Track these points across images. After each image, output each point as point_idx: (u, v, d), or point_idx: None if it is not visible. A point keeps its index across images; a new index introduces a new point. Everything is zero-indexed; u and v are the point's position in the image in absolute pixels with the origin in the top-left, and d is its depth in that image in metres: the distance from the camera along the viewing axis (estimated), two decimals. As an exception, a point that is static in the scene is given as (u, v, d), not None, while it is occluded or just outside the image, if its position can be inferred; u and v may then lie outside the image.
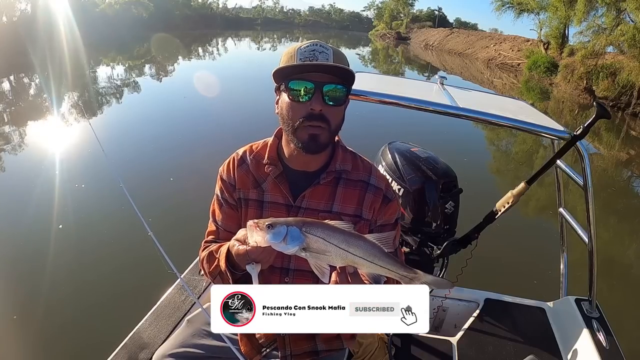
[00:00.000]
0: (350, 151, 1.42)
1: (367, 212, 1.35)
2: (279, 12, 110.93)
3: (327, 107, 1.21)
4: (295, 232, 0.93)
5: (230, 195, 1.38)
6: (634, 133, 13.12)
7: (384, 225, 1.38)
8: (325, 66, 1.19)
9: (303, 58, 1.19)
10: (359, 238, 0.97)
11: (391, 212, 1.39)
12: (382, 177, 1.41)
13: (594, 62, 17.96)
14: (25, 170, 6.28)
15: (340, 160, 1.35)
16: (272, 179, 1.33)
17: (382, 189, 1.37)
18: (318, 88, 1.19)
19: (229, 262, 1.18)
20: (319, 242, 0.94)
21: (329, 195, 1.33)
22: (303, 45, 1.22)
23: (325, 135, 1.24)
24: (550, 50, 24.80)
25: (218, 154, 1.92)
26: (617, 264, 4.88)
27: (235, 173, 1.37)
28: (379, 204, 1.36)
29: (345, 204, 1.33)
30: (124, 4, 40.67)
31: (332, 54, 1.21)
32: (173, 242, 2.66)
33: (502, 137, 10.39)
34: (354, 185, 1.35)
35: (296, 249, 0.93)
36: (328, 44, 1.24)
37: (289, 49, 1.24)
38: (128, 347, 1.72)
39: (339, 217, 1.31)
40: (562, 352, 1.98)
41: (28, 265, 3.83)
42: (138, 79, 16.17)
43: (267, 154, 1.36)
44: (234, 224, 1.38)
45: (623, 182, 8.77)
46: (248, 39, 49.33)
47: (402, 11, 70.28)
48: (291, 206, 1.32)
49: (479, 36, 40.39)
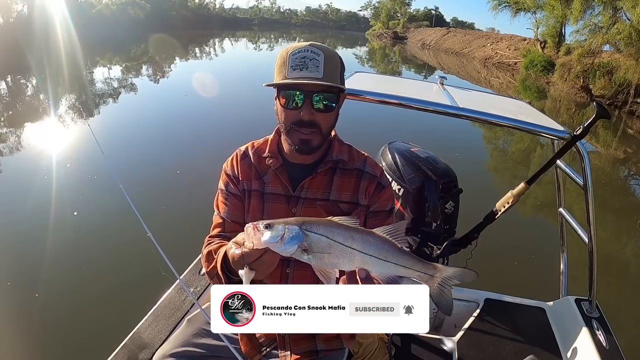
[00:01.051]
0: (347, 144, 1.46)
1: (363, 198, 1.38)
2: (275, 12, 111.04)
3: (317, 113, 1.25)
4: (294, 230, 0.86)
5: (235, 186, 1.42)
6: (630, 131, 13.15)
7: (378, 211, 1.40)
8: (313, 80, 1.20)
9: (294, 65, 1.21)
10: (367, 233, 0.90)
11: (385, 199, 1.41)
12: (377, 165, 1.45)
13: (591, 60, 18.01)
14: (22, 171, 6.25)
15: (336, 151, 1.40)
16: (273, 171, 1.38)
17: (376, 175, 1.41)
18: (307, 97, 1.22)
19: (225, 266, 1.16)
20: (321, 241, 0.86)
21: (326, 184, 1.37)
22: (296, 48, 1.23)
23: (317, 139, 1.28)
24: (547, 49, 24.85)
25: (218, 153, 1.92)
26: (614, 261, 4.89)
27: (239, 166, 1.42)
28: (373, 189, 1.39)
29: (342, 192, 1.37)
30: (121, 4, 40.63)
31: (323, 60, 1.22)
32: (173, 243, 2.67)
33: (500, 136, 10.40)
34: (350, 173, 1.40)
35: (295, 249, 0.86)
36: (321, 45, 1.25)
37: (283, 52, 1.26)
38: (128, 347, 1.72)
39: (337, 205, 1.36)
40: (562, 352, 1.98)
41: (28, 265, 3.82)
42: (137, 79, 16.16)
43: (268, 148, 1.41)
44: (240, 213, 1.41)
45: (620, 180, 8.79)
46: (245, 40, 49.24)
47: (399, 11, 70.47)
48: (291, 196, 1.36)
49: (476, 35, 40.44)
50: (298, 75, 1.20)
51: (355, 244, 0.87)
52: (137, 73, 17.76)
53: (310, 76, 1.20)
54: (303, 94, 1.22)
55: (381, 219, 1.40)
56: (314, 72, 1.20)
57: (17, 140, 7.73)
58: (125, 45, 28.03)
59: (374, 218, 1.39)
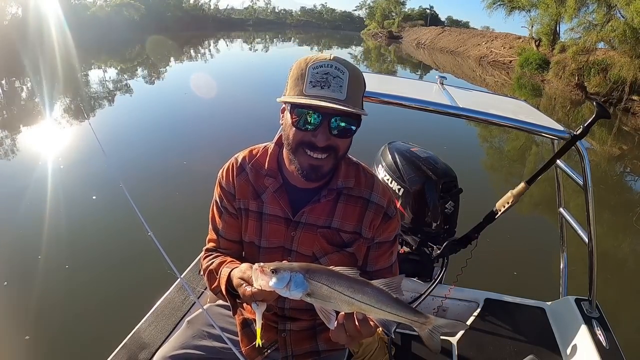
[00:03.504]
0: (354, 162, 1.35)
1: (367, 230, 1.31)
2: (270, 12, 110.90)
3: (335, 138, 1.13)
4: (299, 279, 0.91)
5: (230, 203, 1.34)
6: (626, 128, 13.22)
7: (382, 242, 1.34)
8: (335, 101, 1.07)
9: (314, 81, 1.07)
10: (364, 285, 0.93)
11: (391, 230, 1.34)
12: (385, 192, 1.34)
13: (586, 58, 18.05)
14: (22, 171, 6.20)
15: (342, 176, 1.29)
16: (271, 192, 1.29)
17: (383, 206, 1.31)
18: (325, 119, 1.09)
19: (230, 287, 1.18)
20: (322, 289, 0.91)
21: (329, 211, 1.29)
22: (317, 61, 1.09)
23: (329, 165, 1.17)
24: (542, 47, 24.94)
25: (218, 152, 1.92)
26: (611, 259, 4.91)
27: (235, 182, 1.33)
28: (379, 221, 1.31)
29: (345, 221, 1.29)
30: (115, 6, 40.45)
31: (348, 79, 1.08)
32: (173, 242, 2.66)
33: (500, 135, 10.42)
34: (355, 201, 1.30)
35: (300, 295, 0.92)
36: (346, 62, 1.11)
37: (302, 62, 1.11)
38: (128, 347, 1.70)
39: (338, 233, 1.30)
40: (562, 352, 1.98)
41: (27, 264, 3.80)
42: (134, 80, 16.10)
43: (267, 164, 1.31)
44: (235, 232, 1.37)
45: (616, 177, 8.82)
46: (240, 40, 49.16)
47: (394, 10, 70.54)
48: (290, 220, 1.29)
49: (471, 34, 40.52)
50: (318, 94, 1.06)
51: (354, 294, 0.92)
52: (133, 75, 17.68)
53: (332, 96, 1.06)
54: (321, 116, 1.09)
55: (384, 250, 1.35)
56: (337, 92, 1.06)
57: (16, 141, 7.70)
58: (120, 47, 27.90)
59: (377, 249, 1.34)
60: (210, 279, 1.30)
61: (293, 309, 1.41)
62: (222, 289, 1.20)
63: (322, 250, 1.30)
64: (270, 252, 1.32)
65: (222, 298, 1.25)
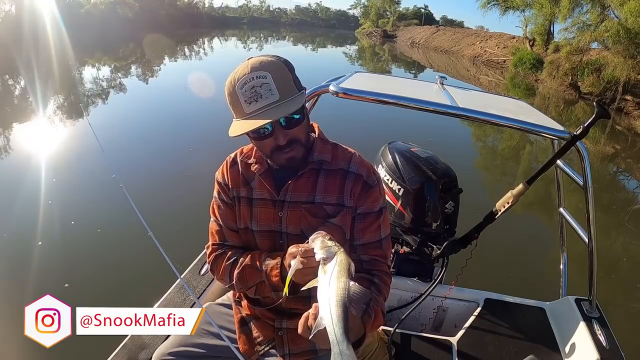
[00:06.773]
0: (332, 142, 1.42)
1: (349, 199, 1.34)
2: (265, 11, 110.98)
3: (291, 131, 1.23)
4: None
5: (226, 194, 1.43)
6: (619, 128, 13.31)
7: (367, 213, 1.36)
8: (276, 110, 1.17)
9: (248, 99, 1.17)
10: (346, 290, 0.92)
11: (373, 199, 1.36)
12: (363, 163, 1.39)
13: (579, 58, 18.15)
14: (20, 170, 6.14)
15: (318, 151, 1.36)
16: (259, 177, 1.38)
17: (362, 175, 1.36)
18: (275, 123, 1.20)
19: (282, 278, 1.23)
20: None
21: (311, 186, 1.35)
22: (240, 78, 1.17)
23: (300, 151, 1.28)
24: (536, 47, 25.02)
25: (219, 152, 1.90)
26: (605, 258, 4.92)
27: (229, 174, 1.43)
28: (359, 189, 1.34)
29: (327, 194, 1.34)
30: (109, 4, 40.30)
31: (272, 79, 1.17)
32: (173, 242, 2.66)
33: (500, 135, 10.46)
34: (334, 174, 1.36)
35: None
36: (262, 63, 1.19)
37: (229, 86, 1.21)
38: (128, 347, 1.69)
39: (322, 208, 1.34)
40: (562, 352, 1.98)
41: (26, 264, 3.78)
42: (136, 79, 16.12)
43: (254, 154, 1.41)
44: (233, 221, 1.43)
45: (609, 176, 8.87)
46: (235, 39, 49.06)
47: (389, 9, 70.57)
48: (276, 200, 1.35)
49: (465, 34, 40.62)
50: (257, 108, 1.16)
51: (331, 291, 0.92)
52: (129, 73, 17.64)
53: (269, 102, 1.16)
54: (271, 125, 1.20)
55: (370, 222, 1.36)
56: (270, 96, 1.16)
57: (15, 140, 7.68)
58: (115, 44, 27.79)
59: (362, 221, 1.36)
60: (241, 276, 1.34)
61: (290, 307, 1.40)
62: (273, 280, 1.26)
63: (309, 226, 1.32)
64: (263, 235, 1.39)
65: (255, 290, 1.33)
